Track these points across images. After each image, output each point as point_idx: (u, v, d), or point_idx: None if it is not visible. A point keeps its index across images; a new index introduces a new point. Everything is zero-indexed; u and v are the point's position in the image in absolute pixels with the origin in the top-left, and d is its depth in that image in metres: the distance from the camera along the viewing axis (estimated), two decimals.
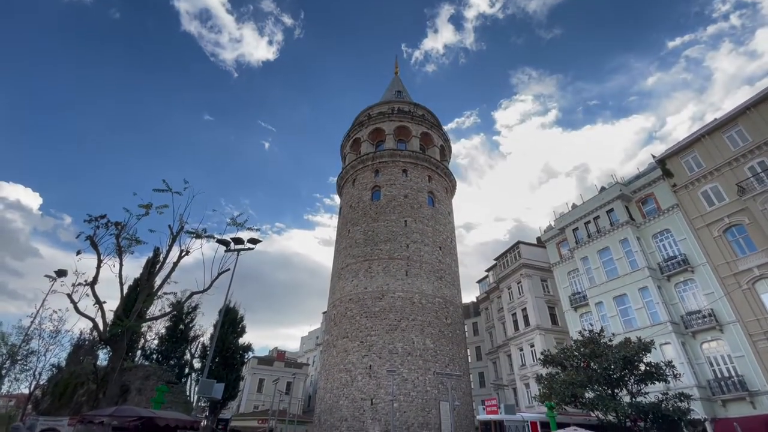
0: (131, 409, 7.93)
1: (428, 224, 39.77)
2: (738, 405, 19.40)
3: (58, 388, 17.86)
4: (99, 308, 14.58)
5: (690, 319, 22.57)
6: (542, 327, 33.02)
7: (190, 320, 22.64)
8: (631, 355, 13.72)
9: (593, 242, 28.96)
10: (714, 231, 22.99)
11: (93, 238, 15.63)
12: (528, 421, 14.20)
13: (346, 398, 31.14)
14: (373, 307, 34.41)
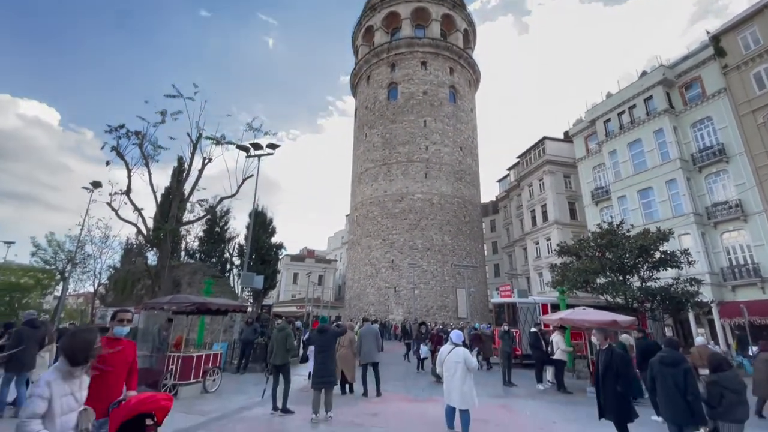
0: (185, 297, 9.05)
1: (449, 123, 38.13)
2: (748, 290, 20.25)
3: (118, 285, 20.36)
4: (138, 214, 15.63)
5: (715, 211, 22.32)
6: (560, 222, 33.59)
7: (224, 223, 24.31)
8: (648, 244, 14.00)
9: (624, 134, 27.39)
10: (759, 118, 21.17)
11: (118, 149, 15.97)
12: (539, 304, 15.41)
13: (372, 287, 34.40)
14: (393, 209, 35.49)
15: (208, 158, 17.24)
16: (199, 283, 15.67)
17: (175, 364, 8.28)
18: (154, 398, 3.63)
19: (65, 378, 2.54)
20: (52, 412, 2.43)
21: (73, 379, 2.57)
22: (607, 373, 4.77)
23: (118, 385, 3.40)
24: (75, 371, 2.58)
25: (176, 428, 6.03)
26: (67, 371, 2.56)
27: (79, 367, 2.60)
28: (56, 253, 29.00)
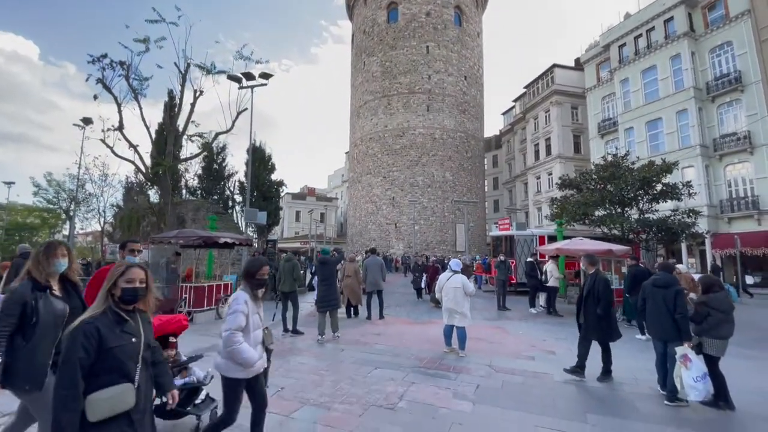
0: (192, 231, 9.26)
1: (453, 49, 35.70)
2: (743, 222, 20.61)
3: (124, 222, 20.74)
4: (134, 151, 15.36)
5: (722, 142, 21.89)
6: (563, 155, 33.11)
7: (222, 160, 24.00)
8: (650, 176, 13.91)
9: (639, 60, 25.81)
10: None
11: (104, 81, 15.18)
12: (536, 235, 15.78)
13: (374, 223, 35.06)
14: (394, 145, 34.74)
15: (200, 91, 16.48)
16: (203, 220, 15.93)
17: (189, 294, 8.74)
18: (176, 318, 3.89)
19: (251, 298, 2.79)
20: (248, 327, 2.69)
21: (256, 300, 2.84)
22: (589, 297, 5.00)
23: None
24: (256, 293, 2.86)
25: (195, 348, 6.53)
26: (251, 293, 2.82)
27: (258, 289, 2.88)
28: (58, 192, 29.16)
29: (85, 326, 1.79)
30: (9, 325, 2.34)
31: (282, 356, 6.01)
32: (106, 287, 1.95)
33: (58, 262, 2.57)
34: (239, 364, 2.65)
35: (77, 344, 1.74)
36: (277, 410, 3.91)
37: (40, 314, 2.40)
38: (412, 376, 5.14)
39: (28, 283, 2.46)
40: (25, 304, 2.39)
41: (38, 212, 31.35)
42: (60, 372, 1.73)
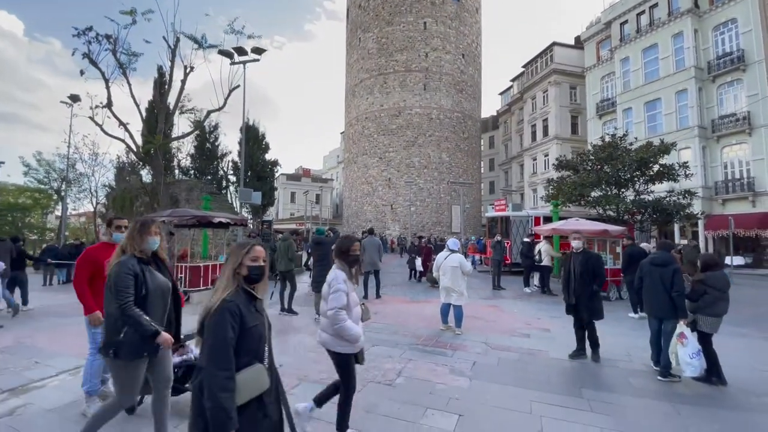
0: (185, 210, 9.12)
1: (451, 26, 34.77)
2: (737, 203, 20.76)
3: (117, 202, 20.43)
4: (124, 129, 14.97)
5: (720, 123, 21.80)
6: (560, 137, 32.90)
7: (214, 139, 23.51)
8: (648, 157, 13.86)
9: (641, 38, 25.34)
10: None
11: (90, 56, 14.64)
12: (532, 216, 15.80)
13: (369, 205, 34.96)
14: (390, 125, 34.24)
15: (190, 67, 15.95)
16: (196, 200, 15.72)
17: (184, 273, 8.68)
18: None
19: (348, 276, 2.84)
20: (349, 305, 2.75)
21: (351, 278, 2.88)
22: (584, 274, 4.93)
23: None
24: (352, 270, 2.90)
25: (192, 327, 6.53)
26: (348, 271, 2.85)
27: (353, 266, 2.91)
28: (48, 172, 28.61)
29: (229, 305, 1.74)
30: (129, 296, 2.37)
31: (280, 335, 6.02)
32: (232, 266, 1.89)
33: (152, 240, 2.59)
34: (346, 341, 2.73)
35: (226, 323, 1.68)
36: None
37: (149, 287, 2.46)
38: (410, 353, 5.17)
39: (131, 257, 2.49)
40: (136, 276, 2.42)
41: (29, 192, 30.84)
42: (211, 353, 1.65)
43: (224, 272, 1.89)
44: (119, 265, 2.45)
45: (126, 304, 2.34)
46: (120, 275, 2.40)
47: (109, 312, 2.44)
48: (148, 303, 2.45)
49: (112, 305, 2.39)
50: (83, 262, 3.42)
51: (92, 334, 3.43)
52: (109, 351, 2.39)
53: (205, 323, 1.72)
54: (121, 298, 2.34)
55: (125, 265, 2.44)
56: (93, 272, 3.42)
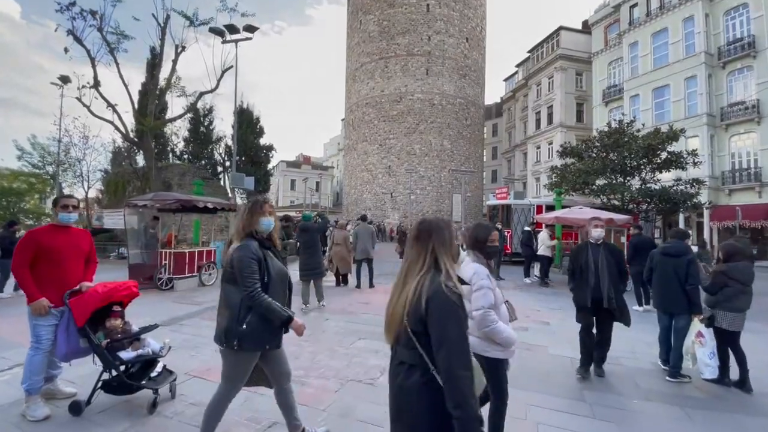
0: (169, 194, 8.72)
1: (455, 8, 33.70)
2: (743, 194, 20.24)
3: (110, 187, 20.07)
4: (113, 111, 14.50)
5: (729, 111, 21.15)
6: (565, 124, 32.18)
7: (209, 122, 22.91)
8: (656, 144, 13.33)
9: (651, 22, 24.46)
10: None
11: (74, 32, 14.06)
12: (534, 205, 15.36)
13: (369, 192, 34.49)
14: (390, 111, 33.50)
15: (181, 46, 15.44)
16: (189, 185, 15.33)
17: (168, 260, 8.32)
18: (125, 285, 3.43)
19: (487, 270, 2.52)
20: (495, 303, 2.39)
21: (491, 272, 2.54)
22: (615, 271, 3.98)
23: (72, 275, 3.14)
24: (490, 263, 2.61)
25: (172, 316, 6.18)
26: (485, 263, 2.53)
27: (491, 258, 2.64)
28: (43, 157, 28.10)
29: (460, 297, 1.43)
30: (257, 281, 2.21)
31: None
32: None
33: (267, 220, 2.39)
34: (498, 344, 2.35)
35: (462, 314, 1.39)
36: None
37: (271, 273, 2.30)
38: None
39: (252, 240, 2.31)
40: (259, 260, 2.26)
41: (25, 177, 30.40)
42: (453, 348, 1.34)
43: (448, 252, 1.51)
44: (241, 249, 2.26)
45: (255, 290, 2.18)
46: (243, 260, 2.21)
47: (231, 301, 2.25)
48: (270, 290, 2.28)
49: (234, 293, 2.24)
50: (24, 246, 3.02)
51: (33, 326, 3.05)
52: (232, 342, 2.21)
53: (432, 312, 1.37)
54: (249, 285, 2.18)
55: (248, 249, 2.25)
56: (36, 256, 3.03)
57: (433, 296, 1.37)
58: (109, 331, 3.22)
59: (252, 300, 2.17)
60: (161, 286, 8.24)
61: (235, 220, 2.46)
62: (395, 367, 1.48)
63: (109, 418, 3.02)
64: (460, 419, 1.28)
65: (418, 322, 1.38)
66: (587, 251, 4.08)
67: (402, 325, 1.42)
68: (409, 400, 1.42)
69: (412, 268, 1.50)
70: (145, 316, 6.19)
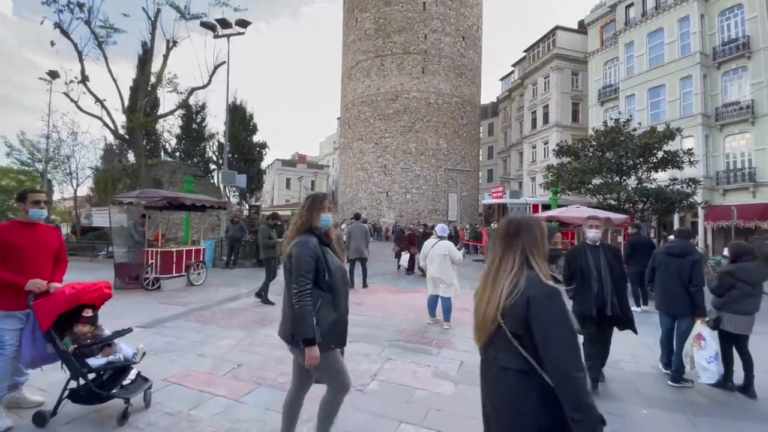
0: (155, 191, 8.46)
1: (452, 7, 33.57)
2: (737, 194, 20.27)
3: (100, 185, 19.69)
4: (101, 106, 14.16)
5: (724, 111, 21.18)
6: (561, 124, 32.16)
7: (201, 119, 22.55)
8: (652, 142, 13.26)
9: (646, 22, 24.45)
10: None
11: (61, 25, 13.71)
12: (530, 204, 15.26)
13: (365, 192, 34.28)
14: (386, 109, 33.30)
15: (173, 41, 15.12)
16: (180, 183, 15.03)
17: (155, 259, 8.06)
18: (95, 286, 3.20)
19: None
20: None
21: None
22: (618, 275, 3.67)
23: (39, 275, 2.90)
24: (551, 268, 2.40)
25: (155, 318, 5.95)
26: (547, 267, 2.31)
27: (552, 263, 2.43)
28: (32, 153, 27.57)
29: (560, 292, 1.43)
30: (308, 282, 2.11)
31: (248, 328, 5.45)
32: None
33: (326, 217, 2.31)
34: None
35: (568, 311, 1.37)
36: (224, 392, 3.35)
37: (332, 270, 2.21)
38: (390, 350, 4.62)
39: (311, 236, 2.21)
40: (318, 258, 2.16)
41: (14, 174, 29.83)
42: (568, 349, 1.29)
43: (539, 251, 1.46)
44: (300, 246, 2.16)
45: (304, 290, 2.08)
46: (301, 257, 2.11)
47: (290, 298, 2.16)
48: (334, 289, 2.20)
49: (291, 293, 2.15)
50: None
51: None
52: (299, 342, 2.10)
53: (536, 312, 1.30)
54: (300, 284, 2.09)
55: (307, 246, 2.15)
56: (4, 255, 2.80)
57: (535, 295, 1.31)
58: (77, 336, 3.00)
59: (296, 299, 2.07)
60: (147, 286, 7.98)
61: (294, 216, 2.35)
62: (497, 373, 1.40)
63: (76, 429, 2.81)
64: (582, 422, 1.24)
65: (520, 323, 1.31)
66: (585, 254, 3.75)
67: (495, 327, 1.37)
68: (522, 407, 1.34)
69: (502, 267, 1.44)
70: (128, 316, 5.96)
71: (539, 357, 1.30)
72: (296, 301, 2.07)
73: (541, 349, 1.28)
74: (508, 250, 1.45)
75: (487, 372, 1.47)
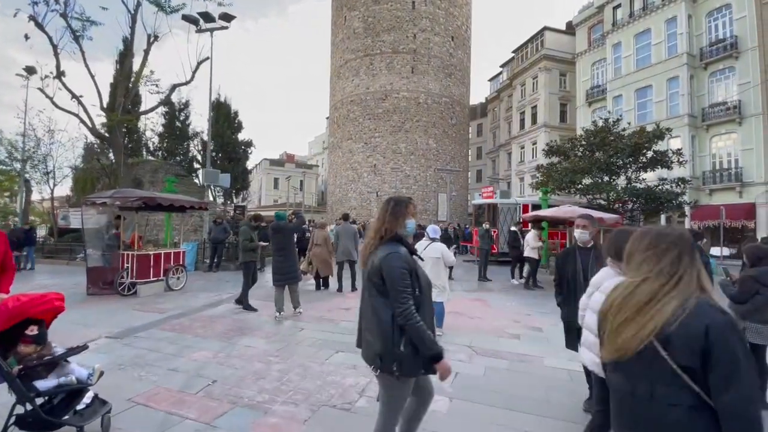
0: (131, 191, 8.01)
1: (441, 6, 33.39)
2: (724, 194, 20.54)
3: (78, 185, 18.94)
4: (78, 102, 13.54)
5: (711, 112, 21.45)
6: (549, 125, 32.31)
7: (185, 117, 21.86)
8: (642, 142, 13.23)
9: (634, 23, 24.65)
10: None
11: (36, 18, 13.09)
12: (520, 204, 15.13)
13: (354, 191, 33.89)
14: (376, 109, 32.95)
15: (154, 35, 14.59)
16: (161, 182, 14.48)
17: (131, 263, 7.61)
18: (45, 299, 2.82)
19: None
20: None
21: None
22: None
23: None
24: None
25: (128, 327, 5.53)
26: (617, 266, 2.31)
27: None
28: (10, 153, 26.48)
29: None
30: (411, 297, 1.90)
31: (227, 338, 5.09)
32: None
33: (411, 223, 2.14)
34: None
35: None
36: (194, 415, 3.00)
37: (422, 284, 2.00)
38: None
39: (399, 245, 2.01)
40: (411, 271, 1.96)
41: None
42: (757, 386, 1.20)
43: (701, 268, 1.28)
44: (393, 258, 1.93)
45: (409, 309, 1.86)
46: (397, 271, 1.90)
47: (383, 317, 1.92)
48: (423, 306, 1.97)
49: (385, 308, 1.92)
50: None
51: None
52: (391, 366, 1.88)
53: (719, 343, 1.12)
54: (403, 302, 1.87)
55: (399, 258, 1.94)
56: None
57: (716, 324, 1.12)
58: (22, 356, 2.62)
59: (404, 319, 1.86)
60: (123, 292, 7.54)
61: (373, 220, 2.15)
62: (661, 410, 1.19)
63: None
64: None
65: (694, 355, 1.13)
66: (575, 258, 3.39)
67: (649, 355, 1.18)
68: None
69: (658, 287, 1.22)
70: (97, 326, 5.55)
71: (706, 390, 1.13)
72: (404, 321, 1.86)
73: (721, 384, 1.10)
74: (666, 266, 1.24)
75: (637, 407, 1.24)
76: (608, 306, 1.33)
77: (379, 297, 1.96)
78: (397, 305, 1.88)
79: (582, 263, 3.35)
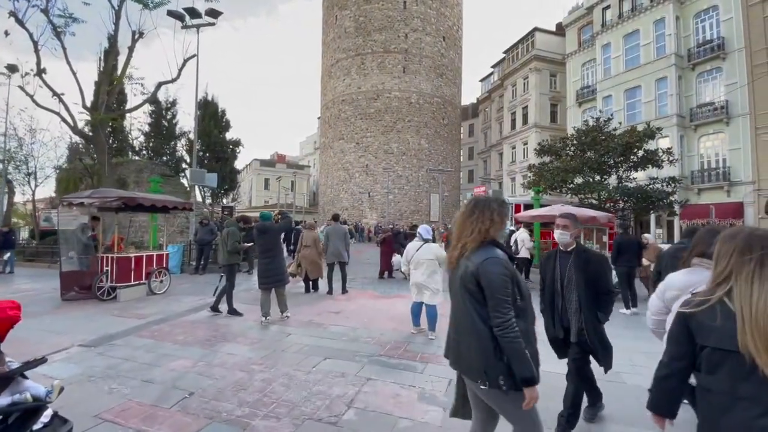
0: (110, 190, 7.68)
1: (432, 6, 33.39)
2: (712, 193, 20.77)
3: (61, 185, 18.39)
4: (59, 100, 13.10)
5: (699, 112, 21.69)
6: (540, 125, 32.45)
7: (171, 116, 21.36)
8: (633, 141, 13.26)
9: (622, 24, 24.86)
10: (767, 9, 19.37)
11: (16, 13, 12.64)
12: (512, 204, 15.06)
13: (346, 192, 33.67)
14: (368, 109, 32.81)
15: (139, 32, 14.23)
16: (147, 182, 14.09)
17: (110, 266, 7.28)
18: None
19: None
20: None
21: None
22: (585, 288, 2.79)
23: None
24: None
25: (104, 334, 5.24)
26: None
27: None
28: None
29: None
30: (511, 309, 1.74)
31: (209, 345, 4.83)
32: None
33: (506, 227, 1.58)
34: None
35: None
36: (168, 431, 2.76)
37: (524, 292, 1.83)
38: (369, 368, 4.11)
39: (500, 251, 1.84)
40: (512, 278, 1.79)
41: None
42: None
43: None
44: (493, 264, 1.77)
45: (509, 322, 1.70)
46: (498, 279, 1.74)
47: (482, 327, 1.76)
48: (526, 315, 1.81)
49: (478, 321, 1.77)
50: None
51: None
52: (497, 380, 1.72)
53: None
54: (504, 313, 1.71)
55: (499, 263, 1.77)
56: None
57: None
58: None
59: (502, 332, 1.69)
60: (102, 296, 7.21)
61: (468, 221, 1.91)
62: None
63: None
64: None
65: None
66: (554, 262, 2.95)
67: None
68: None
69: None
70: (70, 333, 5.24)
71: None
72: (502, 333, 1.70)
73: None
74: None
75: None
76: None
77: (475, 304, 1.80)
78: (495, 315, 1.72)
79: (561, 268, 2.89)
